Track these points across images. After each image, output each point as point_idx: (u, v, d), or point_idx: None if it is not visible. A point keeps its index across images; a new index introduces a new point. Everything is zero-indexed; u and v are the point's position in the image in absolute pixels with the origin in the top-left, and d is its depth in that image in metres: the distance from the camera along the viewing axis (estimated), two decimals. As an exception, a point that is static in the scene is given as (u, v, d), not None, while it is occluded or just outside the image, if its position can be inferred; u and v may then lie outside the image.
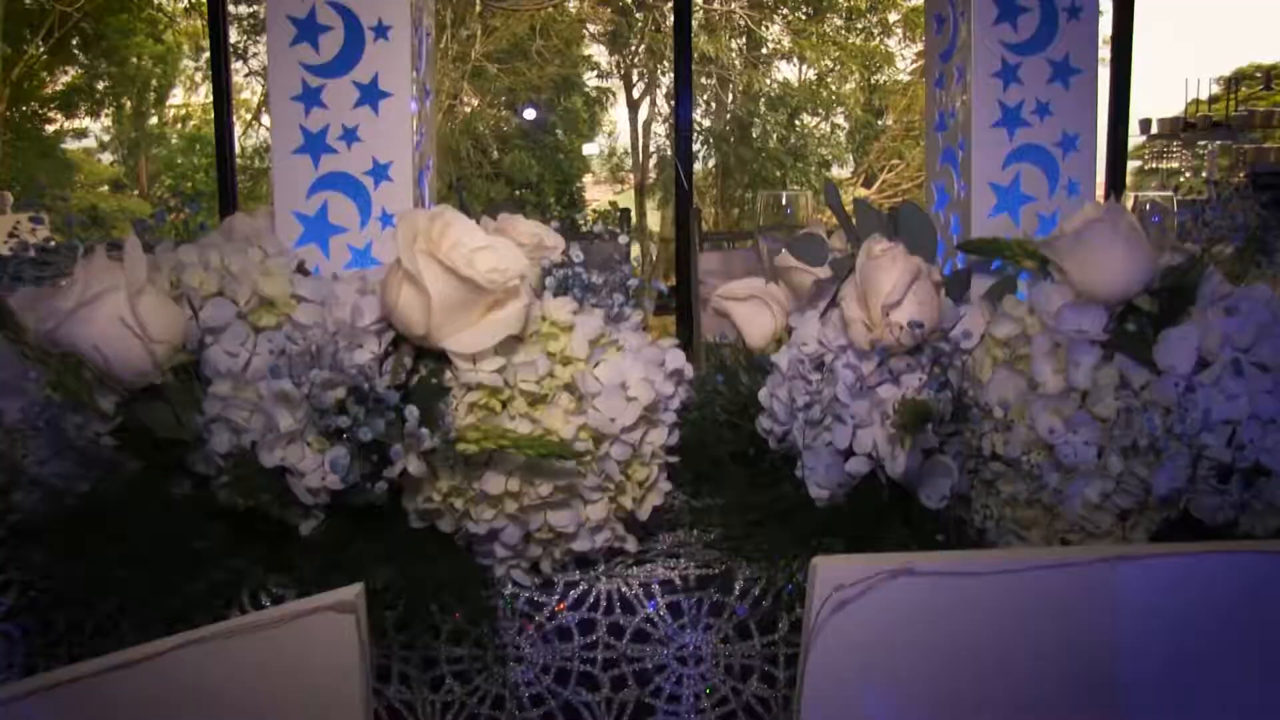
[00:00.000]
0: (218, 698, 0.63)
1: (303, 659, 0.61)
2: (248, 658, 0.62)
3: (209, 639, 0.62)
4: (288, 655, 0.61)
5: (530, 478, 0.74)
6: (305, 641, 0.61)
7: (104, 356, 0.73)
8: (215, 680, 0.63)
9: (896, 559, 0.64)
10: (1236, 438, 0.78)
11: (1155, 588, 0.66)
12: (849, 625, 0.62)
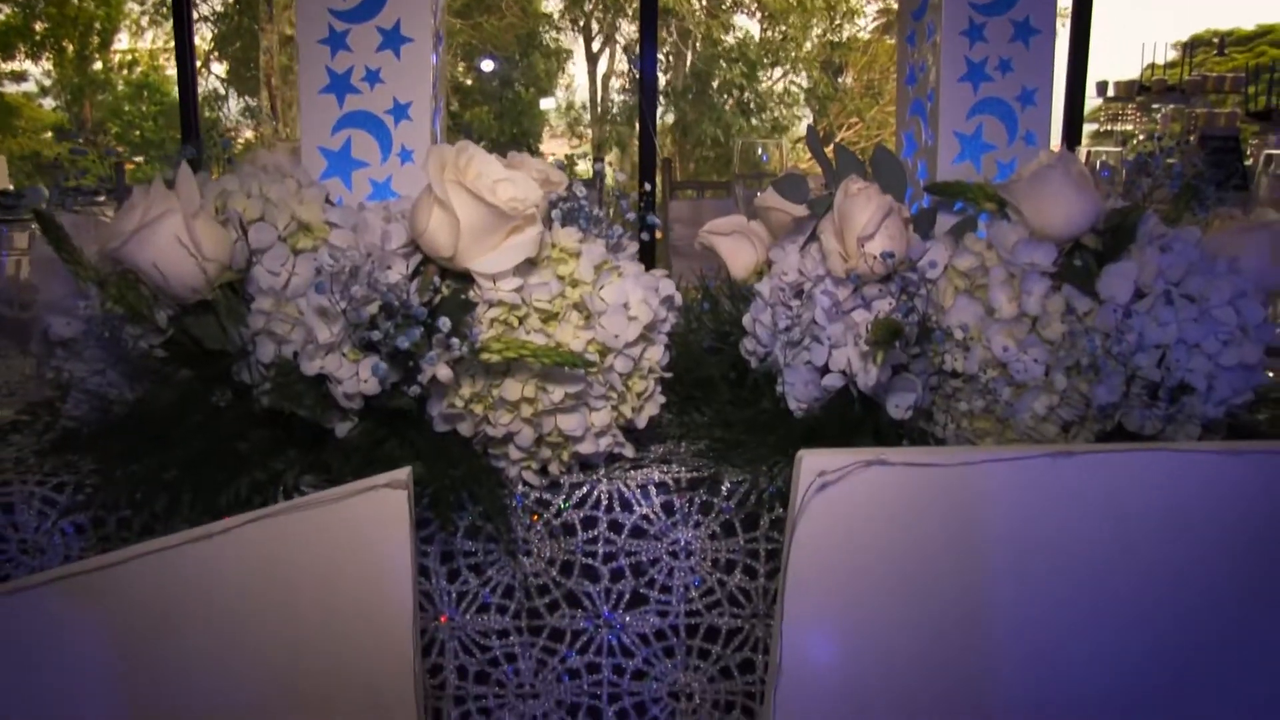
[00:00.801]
0: (283, 572, 0.73)
1: (360, 533, 0.72)
2: (309, 534, 0.72)
3: (275, 514, 0.72)
4: (347, 529, 0.72)
5: (544, 385, 0.84)
6: (363, 516, 0.71)
7: (161, 274, 0.82)
8: (279, 556, 0.73)
9: (871, 452, 0.74)
10: (1166, 360, 0.90)
11: (1090, 481, 0.77)
12: (829, 506, 0.73)
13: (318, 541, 0.72)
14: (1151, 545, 0.79)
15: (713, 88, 11.01)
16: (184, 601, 0.74)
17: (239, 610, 0.74)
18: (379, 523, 0.71)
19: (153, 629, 0.73)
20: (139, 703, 0.74)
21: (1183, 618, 0.80)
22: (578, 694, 0.96)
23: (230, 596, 0.74)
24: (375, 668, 0.79)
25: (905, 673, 0.78)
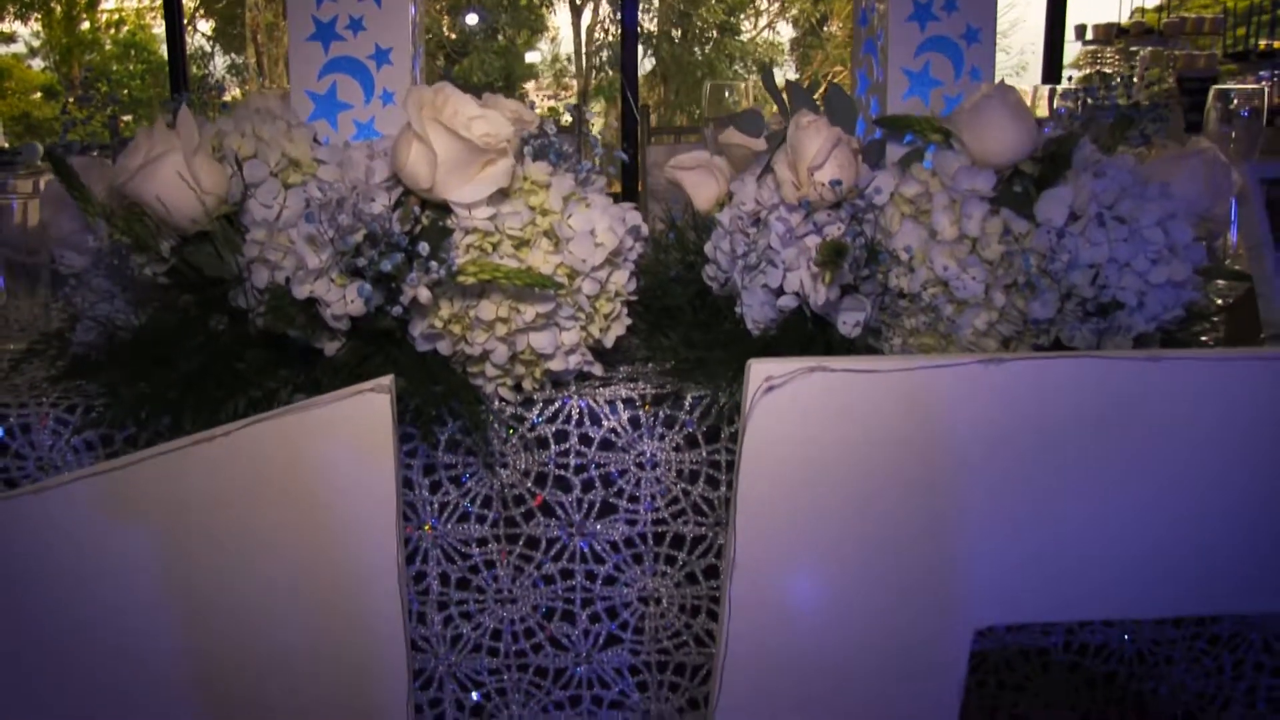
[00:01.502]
0: (278, 472, 0.81)
1: (348, 433, 0.79)
2: (302, 436, 0.80)
3: (271, 418, 0.79)
4: (337, 430, 0.79)
5: (516, 306, 0.92)
6: (350, 417, 0.79)
7: (164, 206, 0.89)
8: (275, 457, 0.81)
9: (814, 360, 0.82)
10: (1098, 277, 0.97)
11: (1019, 387, 0.85)
12: (775, 409, 0.81)
13: (310, 443, 0.80)
14: (1077, 447, 0.86)
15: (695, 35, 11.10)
16: (190, 500, 0.82)
17: (239, 507, 0.82)
18: (365, 423, 0.79)
19: (161, 526, 0.81)
20: (150, 592, 0.82)
21: (1108, 514, 0.88)
22: (553, 598, 1.04)
23: (232, 494, 0.82)
24: (363, 568, 0.87)
25: (853, 560, 0.86)
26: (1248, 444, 0.86)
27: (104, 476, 0.79)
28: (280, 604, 0.86)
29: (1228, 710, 1.15)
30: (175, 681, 0.84)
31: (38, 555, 0.80)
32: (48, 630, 0.82)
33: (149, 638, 0.82)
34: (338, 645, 0.89)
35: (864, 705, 0.89)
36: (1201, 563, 0.88)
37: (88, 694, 0.84)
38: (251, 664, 0.86)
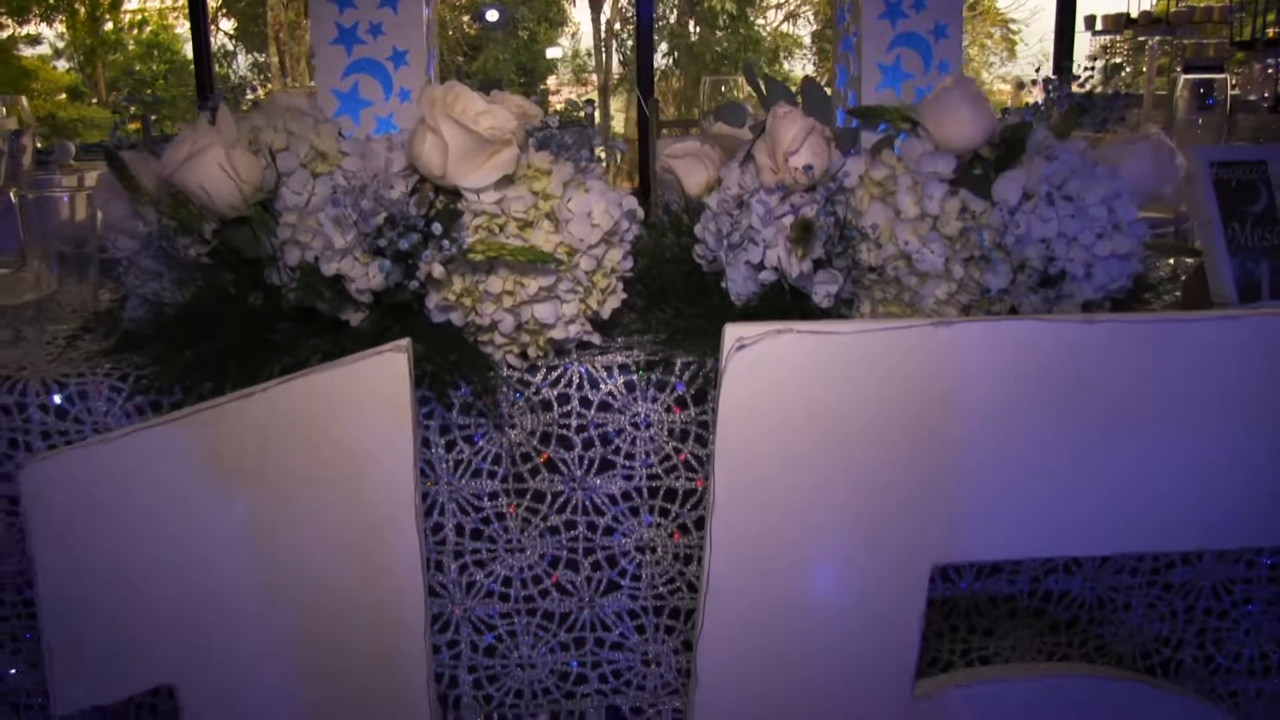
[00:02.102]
0: (309, 426, 0.93)
1: (371, 389, 0.91)
2: (329, 393, 0.92)
3: (303, 376, 0.91)
4: (360, 387, 0.91)
5: (521, 280, 1.04)
6: (373, 375, 0.91)
7: (206, 194, 1.01)
8: (307, 411, 0.93)
9: (780, 324, 0.93)
10: (1048, 250, 1.08)
11: (966, 347, 0.95)
12: (747, 366, 0.92)
13: (337, 398, 0.92)
14: (1022, 400, 0.97)
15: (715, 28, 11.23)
16: (232, 450, 0.93)
17: (275, 457, 0.94)
18: (386, 380, 0.91)
19: (208, 472, 0.93)
20: (198, 529, 0.94)
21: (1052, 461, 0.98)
22: (558, 548, 1.16)
23: (268, 446, 0.93)
24: (385, 518, 0.99)
25: (820, 502, 0.97)
26: (1176, 397, 0.97)
27: (159, 429, 0.91)
28: (312, 547, 0.98)
29: (1180, 651, 1.26)
30: (227, 605, 0.96)
31: (101, 501, 0.92)
32: (121, 563, 0.94)
33: (199, 566, 0.94)
34: (363, 589, 1.01)
35: (833, 636, 1.00)
36: (1138, 505, 0.98)
37: (162, 615, 0.96)
38: (287, 598, 0.98)
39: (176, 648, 0.96)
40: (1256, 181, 1.29)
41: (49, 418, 1.12)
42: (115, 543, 0.94)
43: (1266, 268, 1.27)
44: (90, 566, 0.94)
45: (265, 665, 0.99)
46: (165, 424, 0.92)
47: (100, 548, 0.94)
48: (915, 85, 1.25)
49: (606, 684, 1.20)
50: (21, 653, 1.19)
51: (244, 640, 0.98)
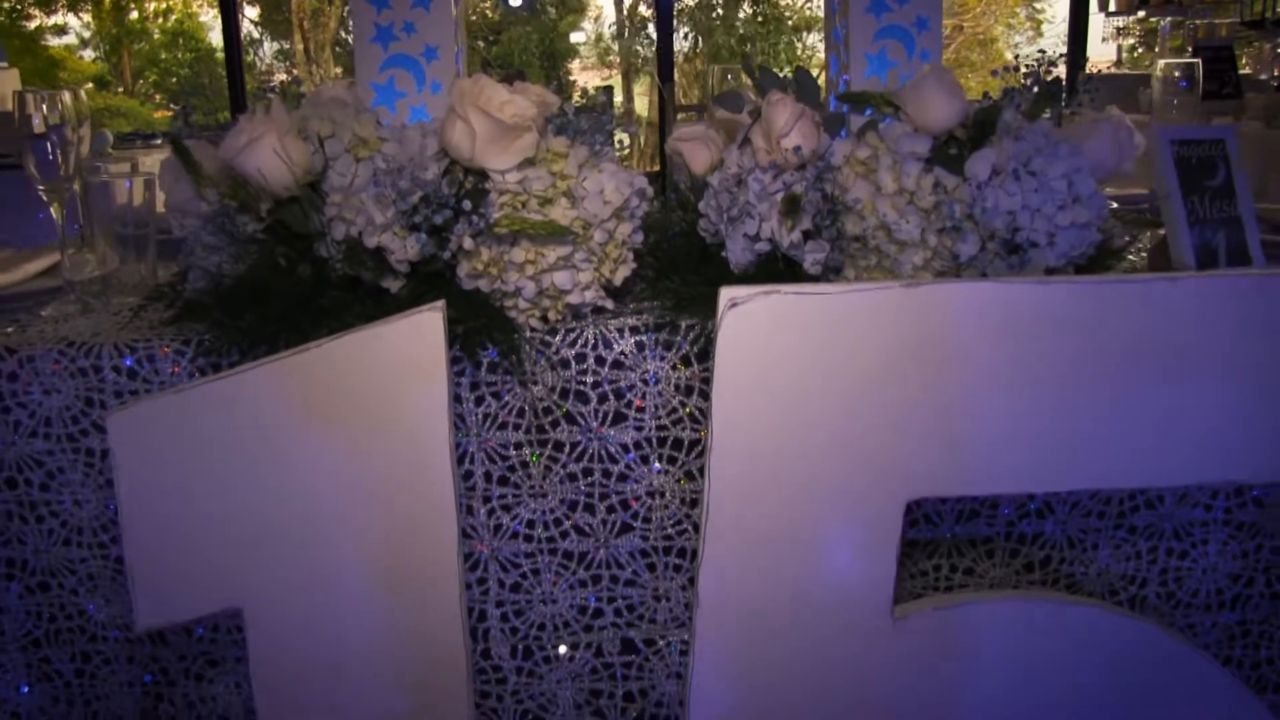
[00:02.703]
0: (355, 382, 1.07)
1: (409, 345, 1.06)
2: (373, 350, 1.06)
3: (350, 334, 1.06)
4: (400, 344, 1.06)
5: (541, 250, 1.18)
6: (411, 333, 1.05)
7: (263, 176, 1.15)
8: (355, 366, 1.07)
9: (770, 286, 1.07)
10: (1014, 221, 1.21)
11: (931, 306, 1.08)
12: (738, 321, 1.06)
13: (380, 354, 1.07)
14: (982, 351, 1.10)
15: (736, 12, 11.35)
16: (289, 400, 1.08)
17: (326, 406, 1.08)
18: (423, 337, 1.05)
19: (269, 420, 1.08)
20: (259, 476, 1.09)
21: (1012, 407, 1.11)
22: (576, 493, 1.30)
23: (319, 396, 1.08)
24: (421, 465, 1.13)
25: (806, 442, 1.10)
26: (1124, 350, 1.10)
27: (225, 381, 1.06)
28: (362, 487, 1.13)
29: (1144, 589, 1.39)
30: (289, 536, 1.11)
31: (175, 444, 1.07)
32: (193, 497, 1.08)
33: (263, 500, 1.09)
34: (401, 532, 1.16)
35: (819, 564, 1.13)
36: (1091, 446, 1.12)
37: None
38: (341, 532, 1.13)
39: (242, 573, 1.11)
40: (1215, 158, 1.42)
41: (121, 378, 1.27)
42: (188, 479, 1.09)
43: (1224, 238, 1.40)
44: (167, 500, 1.09)
45: (320, 592, 1.14)
46: (231, 376, 1.07)
47: (176, 484, 1.09)
48: (900, 73, 1.38)
49: (621, 617, 1.34)
50: (99, 590, 1.35)
51: (301, 568, 1.13)
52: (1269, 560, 1.38)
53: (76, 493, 1.31)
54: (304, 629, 1.14)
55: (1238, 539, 1.38)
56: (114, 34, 14.03)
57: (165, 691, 1.38)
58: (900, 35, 1.38)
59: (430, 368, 1.07)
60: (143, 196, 1.55)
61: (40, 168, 1.45)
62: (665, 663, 1.36)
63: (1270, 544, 1.37)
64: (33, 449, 1.29)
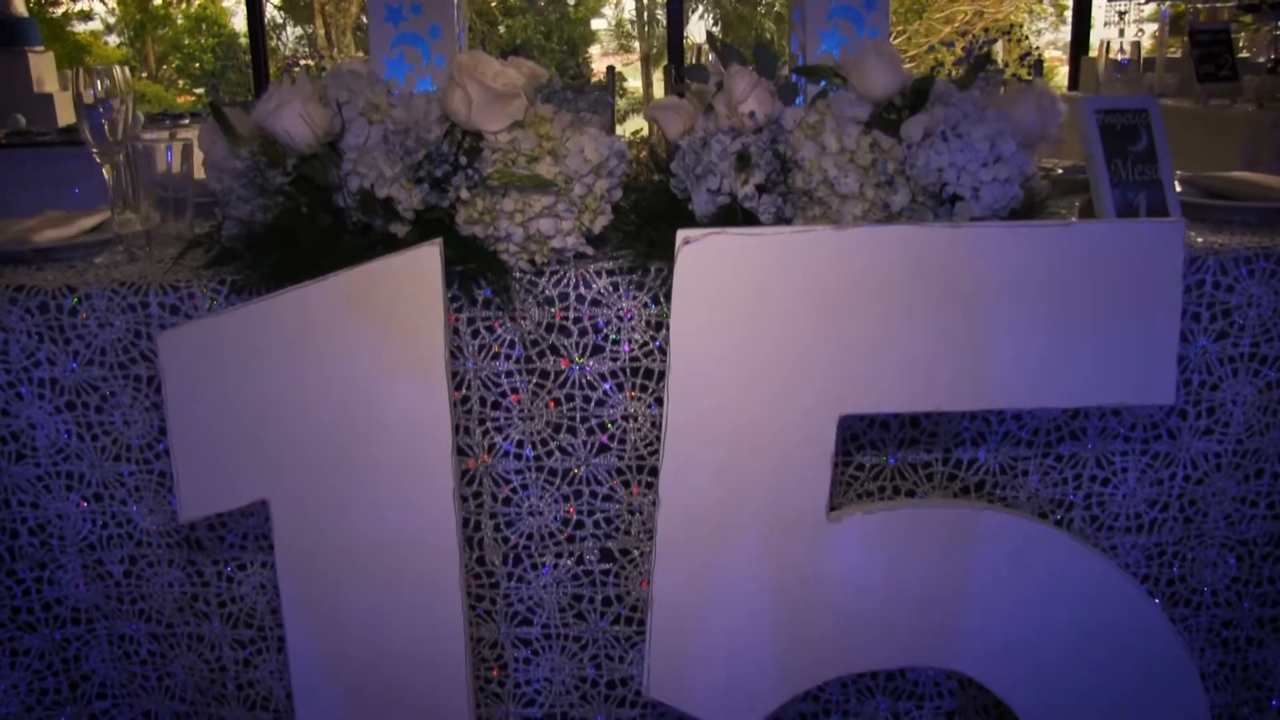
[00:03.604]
0: (365, 312, 1.30)
1: (412, 276, 1.28)
2: (379, 282, 1.29)
3: (360, 267, 1.28)
4: (403, 276, 1.28)
5: (528, 201, 1.39)
6: (412, 266, 1.27)
7: (289, 135, 1.38)
8: (364, 298, 1.29)
9: (717, 229, 1.28)
10: (942, 177, 1.42)
11: (859, 248, 1.30)
12: (690, 258, 1.28)
13: (386, 284, 1.29)
14: (906, 286, 1.31)
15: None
16: (310, 323, 1.30)
17: (340, 330, 1.30)
18: (423, 269, 1.27)
19: (293, 339, 1.30)
20: (284, 385, 1.31)
21: (933, 335, 1.32)
22: (559, 416, 1.52)
23: (336, 321, 1.30)
24: (422, 389, 1.35)
25: (750, 364, 1.31)
26: (1015, 284, 1.30)
27: (259, 305, 1.29)
28: (371, 403, 1.35)
29: (1071, 512, 1.59)
30: (307, 439, 1.33)
31: (215, 358, 1.30)
32: (229, 403, 1.31)
33: (288, 407, 1.32)
34: (403, 438, 1.37)
35: (762, 469, 1.35)
36: (994, 369, 1.33)
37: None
38: (353, 436, 1.35)
39: (269, 470, 1.34)
40: (1139, 126, 1.62)
41: (165, 314, 1.49)
42: (224, 389, 1.31)
43: (1144, 197, 1.60)
44: (206, 407, 1.31)
45: (334, 488, 1.36)
46: (262, 302, 1.29)
47: (213, 393, 1.31)
48: (850, 49, 1.59)
49: (600, 529, 1.56)
50: (145, 500, 1.58)
51: (319, 466, 1.35)
52: (1182, 488, 1.59)
53: (126, 414, 1.54)
54: (321, 519, 1.36)
55: (1154, 468, 1.58)
56: (138, 20, 14.37)
57: (200, 591, 1.61)
58: (851, 15, 1.59)
59: (429, 294, 1.29)
60: (181, 163, 1.78)
61: (93, 133, 1.67)
62: (639, 570, 1.58)
63: (1183, 473, 1.58)
64: (89, 375, 1.52)
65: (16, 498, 1.57)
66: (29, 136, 4.27)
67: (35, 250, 1.67)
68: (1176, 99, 4.01)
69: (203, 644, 1.64)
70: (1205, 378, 1.54)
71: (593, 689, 1.64)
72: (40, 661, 1.65)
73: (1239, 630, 1.65)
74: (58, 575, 1.62)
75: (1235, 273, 1.51)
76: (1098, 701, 1.46)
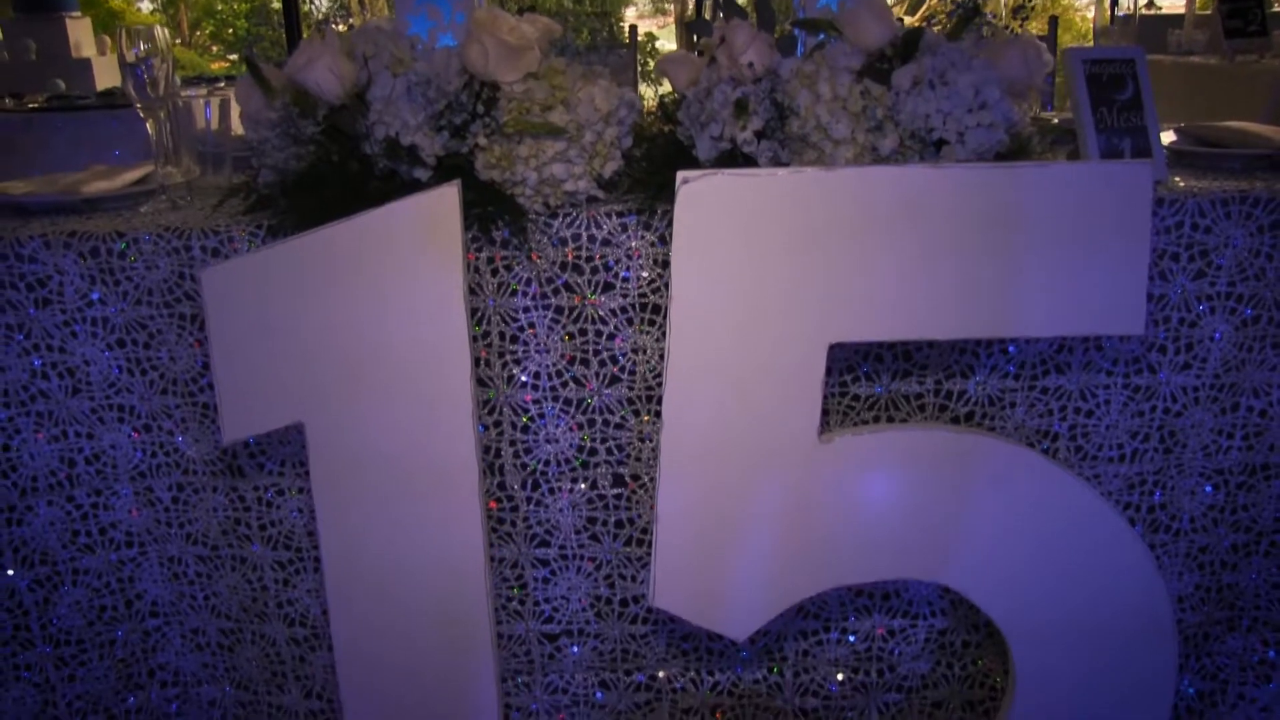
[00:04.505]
0: (386, 249, 1.43)
1: (433, 215, 1.41)
2: (404, 220, 1.42)
3: (384, 207, 1.42)
4: (425, 214, 1.41)
5: (542, 147, 1.53)
6: (433, 206, 1.41)
7: (320, 87, 1.51)
8: (389, 236, 1.43)
9: (712, 170, 1.41)
10: (928, 123, 1.54)
11: (846, 187, 1.42)
12: (690, 197, 1.40)
13: (410, 223, 1.42)
14: (893, 223, 1.43)
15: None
16: (337, 258, 1.44)
17: (371, 264, 1.44)
18: (443, 209, 1.41)
19: (324, 273, 1.44)
20: (313, 315, 1.45)
21: (919, 266, 1.44)
22: (573, 349, 1.65)
23: (365, 257, 1.44)
24: (442, 324, 1.49)
25: (744, 295, 1.44)
26: (993, 221, 1.42)
27: (294, 242, 1.43)
28: (392, 329, 1.48)
29: (1056, 443, 1.72)
30: (338, 366, 1.47)
31: (253, 291, 1.44)
32: (267, 332, 1.45)
33: (320, 336, 1.46)
34: (424, 378, 1.51)
35: (760, 395, 1.48)
36: (970, 301, 1.45)
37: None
38: (383, 365, 1.49)
39: (304, 394, 1.48)
40: (1125, 75, 1.73)
41: (207, 255, 1.64)
42: (262, 321, 1.46)
43: (1128, 143, 1.72)
44: (246, 338, 1.46)
45: (363, 411, 1.50)
46: (296, 239, 1.44)
47: (253, 324, 1.46)
48: (849, 2, 1.70)
49: (612, 456, 1.70)
50: (190, 430, 1.73)
51: (349, 391, 1.49)
52: (1161, 420, 1.70)
53: (172, 350, 1.69)
54: (352, 441, 1.51)
55: (1135, 401, 1.70)
56: (172, -15, 14.58)
57: (242, 516, 1.77)
58: (848, -29, 1.71)
59: (449, 230, 1.43)
60: (219, 120, 1.93)
61: (137, 90, 1.82)
62: (649, 494, 1.72)
63: (1163, 405, 1.69)
64: (138, 314, 1.67)
65: (74, 429, 1.73)
66: (69, 100, 4.43)
67: (85, 200, 1.82)
68: (1204, 56, 4.08)
69: (245, 565, 1.80)
70: (1184, 315, 1.65)
71: (606, 606, 1.78)
72: (99, 580, 1.81)
73: (1214, 555, 1.77)
74: (112, 501, 1.78)
75: (1213, 215, 1.62)
76: (1075, 618, 1.58)
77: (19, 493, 1.74)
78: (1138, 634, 1.58)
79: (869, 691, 1.83)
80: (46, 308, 1.67)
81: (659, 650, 1.81)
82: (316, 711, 1.88)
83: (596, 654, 1.82)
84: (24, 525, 1.76)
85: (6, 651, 1.80)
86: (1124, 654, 1.59)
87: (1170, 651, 1.58)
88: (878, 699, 1.84)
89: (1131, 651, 1.59)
